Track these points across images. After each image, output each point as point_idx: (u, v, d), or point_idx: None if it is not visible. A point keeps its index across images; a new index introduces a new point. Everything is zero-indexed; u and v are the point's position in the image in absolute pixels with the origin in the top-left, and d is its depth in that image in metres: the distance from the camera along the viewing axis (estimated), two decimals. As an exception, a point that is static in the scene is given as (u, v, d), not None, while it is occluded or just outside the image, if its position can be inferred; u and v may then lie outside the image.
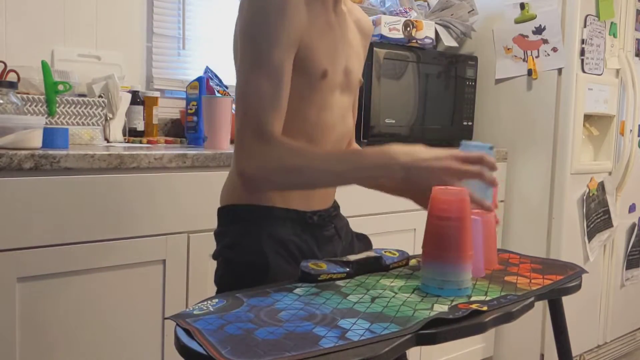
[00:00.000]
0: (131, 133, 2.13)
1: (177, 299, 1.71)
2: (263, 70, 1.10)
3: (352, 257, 1.17)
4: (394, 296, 1.02)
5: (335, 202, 1.35)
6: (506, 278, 1.16)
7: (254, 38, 1.11)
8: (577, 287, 1.17)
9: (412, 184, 1.09)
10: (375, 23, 2.35)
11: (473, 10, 2.65)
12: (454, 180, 1.05)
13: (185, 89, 2.16)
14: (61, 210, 1.49)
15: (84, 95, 1.93)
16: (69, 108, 1.81)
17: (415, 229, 2.29)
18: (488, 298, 1.03)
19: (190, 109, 2.07)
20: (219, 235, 1.26)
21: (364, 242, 1.40)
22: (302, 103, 1.19)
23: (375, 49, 2.26)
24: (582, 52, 2.51)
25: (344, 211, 1.37)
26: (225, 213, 1.25)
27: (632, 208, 2.93)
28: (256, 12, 1.12)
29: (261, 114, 1.09)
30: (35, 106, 1.74)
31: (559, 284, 1.15)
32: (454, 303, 0.99)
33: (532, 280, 1.15)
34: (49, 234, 1.47)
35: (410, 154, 1.07)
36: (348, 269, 1.13)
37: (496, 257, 1.27)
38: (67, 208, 1.50)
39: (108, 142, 1.95)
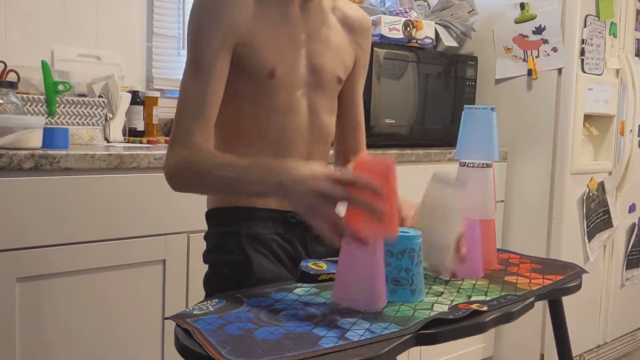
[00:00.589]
0: (131, 133, 2.13)
1: (177, 299, 1.71)
2: (193, 72, 1.11)
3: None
4: (393, 296, 1.02)
5: None
6: (506, 278, 1.16)
7: (189, 37, 1.12)
8: (577, 287, 1.17)
9: (293, 205, 1.00)
10: (375, 23, 2.35)
11: (473, 10, 2.65)
12: (325, 205, 0.93)
13: (185, 89, 2.15)
14: (61, 210, 1.49)
15: (84, 95, 1.93)
16: (69, 108, 1.81)
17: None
18: (488, 298, 1.03)
19: (190, 109, 2.07)
20: (206, 239, 1.26)
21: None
22: (252, 105, 1.16)
23: (375, 49, 2.26)
24: (582, 52, 2.51)
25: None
26: (210, 216, 1.26)
27: (632, 208, 2.93)
28: (194, 9, 1.12)
29: (185, 121, 1.10)
30: (35, 106, 1.74)
31: (559, 284, 1.15)
32: (453, 303, 0.99)
33: (532, 280, 1.15)
34: (49, 234, 1.47)
35: (292, 172, 0.98)
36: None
37: (496, 257, 1.27)
38: (67, 208, 1.50)
39: (108, 142, 1.95)
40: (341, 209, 0.94)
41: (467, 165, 1.20)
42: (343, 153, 1.38)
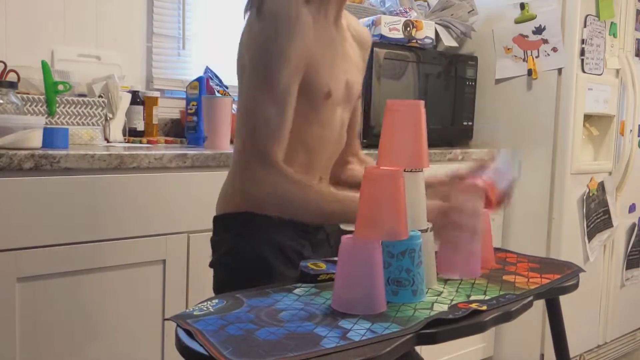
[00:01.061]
0: (131, 133, 2.13)
1: (177, 299, 1.71)
2: (271, 94, 1.11)
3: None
4: (394, 296, 1.02)
5: None
6: (504, 277, 1.17)
7: (264, 58, 1.12)
8: (575, 286, 1.17)
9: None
10: (375, 23, 2.35)
11: (473, 10, 2.65)
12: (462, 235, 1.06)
13: (185, 89, 2.15)
14: (61, 210, 1.49)
15: (84, 95, 1.93)
16: (69, 108, 1.81)
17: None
18: (487, 297, 1.03)
19: (190, 109, 2.07)
20: (216, 244, 1.26)
21: None
22: (305, 122, 1.20)
23: (375, 49, 2.26)
24: (582, 52, 2.51)
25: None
26: (221, 221, 1.26)
27: (632, 208, 2.93)
28: (266, 31, 1.11)
29: (266, 140, 1.11)
30: (35, 106, 1.74)
31: (556, 282, 1.15)
32: (453, 302, 0.99)
33: (530, 280, 1.15)
34: (49, 234, 1.47)
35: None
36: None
37: (493, 255, 1.27)
38: (67, 208, 1.50)
39: (108, 142, 1.95)
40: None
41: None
42: (341, 155, 1.41)
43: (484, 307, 0.96)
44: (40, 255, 1.46)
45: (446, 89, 2.56)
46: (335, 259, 1.15)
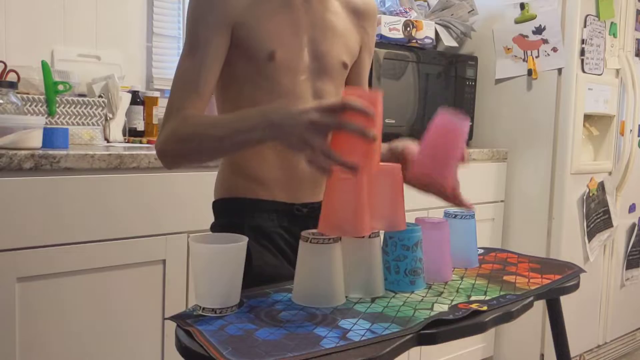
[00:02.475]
0: (131, 133, 2.13)
1: (177, 299, 1.71)
2: (188, 52, 1.12)
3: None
4: (394, 296, 1.02)
5: None
6: (505, 277, 1.17)
7: (187, 20, 1.14)
8: (576, 287, 1.17)
9: (286, 143, 0.96)
10: (375, 23, 2.35)
11: (473, 10, 2.65)
12: (318, 135, 0.91)
13: (185, 89, 2.15)
14: (61, 210, 1.49)
15: (84, 95, 1.93)
16: (69, 108, 1.81)
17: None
18: (487, 297, 1.03)
19: (190, 109, 2.07)
20: (211, 229, 1.27)
21: None
22: (253, 88, 1.16)
23: (375, 49, 2.25)
24: (582, 52, 2.51)
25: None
26: (216, 206, 1.26)
27: (632, 208, 2.93)
28: None
29: (177, 97, 1.11)
30: (35, 106, 1.74)
31: (557, 283, 1.15)
32: (453, 303, 0.99)
33: (531, 280, 1.15)
34: (49, 234, 1.47)
35: (281, 110, 0.96)
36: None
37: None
38: (67, 208, 1.50)
39: (108, 142, 1.95)
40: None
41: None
42: None
43: (485, 308, 0.96)
44: (40, 255, 1.46)
45: (446, 89, 2.56)
46: None
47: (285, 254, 1.19)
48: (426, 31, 2.47)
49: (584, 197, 2.61)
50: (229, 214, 1.22)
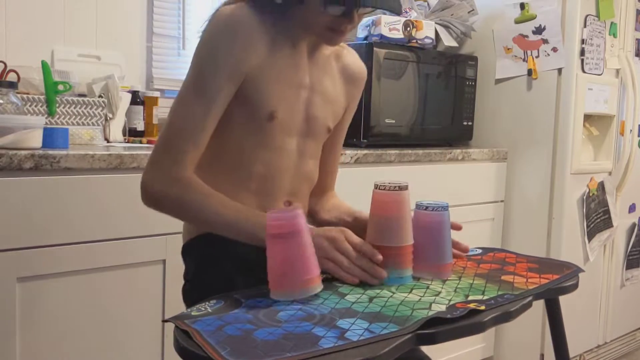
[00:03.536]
0: (131, 133, 2.13)
1: (177, 299, 1.69)
2: (196, 96, 1.12)
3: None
4: (391, 296, 1.02)
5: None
6: (503, 277, 1.17)
7: (197, 60, 1.13)
8: (575, 286, 1.17)
9: None
10: (375, 23, 2.35)
11: (473, 10, 2.65)
12: (322, 260, 1.05)
13: (185, 89, 2.15)
14: (61, 210, 1.49)
15: (84, 95, 1.93)
16: (69, 108, 1.81)
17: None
18: (485, 297, 1.03)
19: (190, 109, 2.07)
20: (185, 276, 1.28)
21: None
22: (245, 140, 1.19)
23: (375, 49, 2.26)
24: (582, 52, 2.51)
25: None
26: (185, 251, 1.27)
27: (632, 208, 2.93)
28: (210, 36, 1.13)
29: (179, 143, 1.11)
30: (35, 106, 1.74)
31: (555, 283, 1.15)
32: (451, 302, 0.99)
33: (529, 280, 1.15)
34: (49, 234, 1.47)
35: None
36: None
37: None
38: (67, 208, 1.50)
39: (108, 142, 1.96)
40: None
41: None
42: (313, 191, 1.38)
43: (482, 307, 0.96)
44: (40, 255, 1.47)
45: (446, 89, 2.56)
46: None
47: (257, 276, 1.14)
48: (426, 31, 2.47)
49: (584, 197, 2.61)
50: (202, 250, 1.22)
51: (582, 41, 2.51)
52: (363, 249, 1.08)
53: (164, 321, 0.98)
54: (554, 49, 2.52)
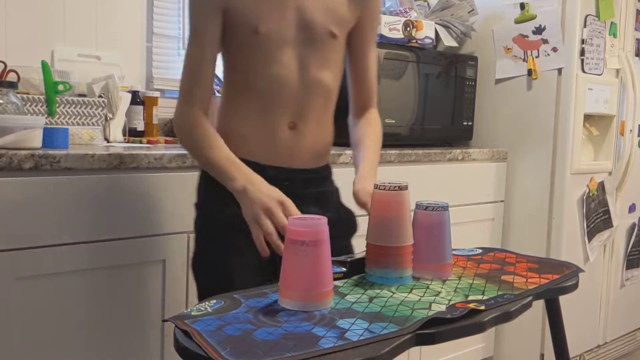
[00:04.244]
0: (131, 133, 2.13)
1: (177, 299, 1.71)
2: (192, 36, 1.29)
3: (348, 257, 1.17)
4: (391, 296, 1.03)
5: (318, 168, 1.39)
6: (503, 277, 1.17)
7: (189, 8, 1.31)
8: (574, 286, 1.17)
9: (243, 209, 1.19)
10: (375, 23, 2.35)
11: (473, 10, 2.65)
12: (254, 224, 1.14)
13: (185, 89, 2.15)
14: (61, 210, 1.49)
15: (84, 95, 1.93)
16: (69, 108, 1.81)
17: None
18: (485, 297, 1.03)
19: (190, 109, 2.07)
20: (195, 207, 1.42)
21: (344, 218, 1.41)
22: (241, 57, 1.30)
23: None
24: (582, 52, 2.51)
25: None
26: (199, 179, 1.40)
27: (632, 208, 2.93)
28: None
29: (186, 83, 1.29)
30: (35, 106, 1.74)
31: (555, 282, 1.15)
32: (451, 302, 0.99)
33: (529, 280, 1.15)
34: (49, 234, 1.47)
35: (257, 184, 1.18)
36: (344, 269, 1.13)
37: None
38: (67, 208, 1.50)
39: (108, 142, 1.95)
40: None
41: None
42: (353, 108, 1.47)
43: (482, 307, 0.96)
44: (40, 255, 1.46)
45: (446, 89, 2.56)
46: (333, 258, 1.16)
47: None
48: (426, 31, 2.47)
49: (584, 197, 2.61)
50: (207, 177, 1.33)
51: (582, 41, 2.51)
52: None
53: (164, 321, 0.97)
54: (554, 49, 2.52)
